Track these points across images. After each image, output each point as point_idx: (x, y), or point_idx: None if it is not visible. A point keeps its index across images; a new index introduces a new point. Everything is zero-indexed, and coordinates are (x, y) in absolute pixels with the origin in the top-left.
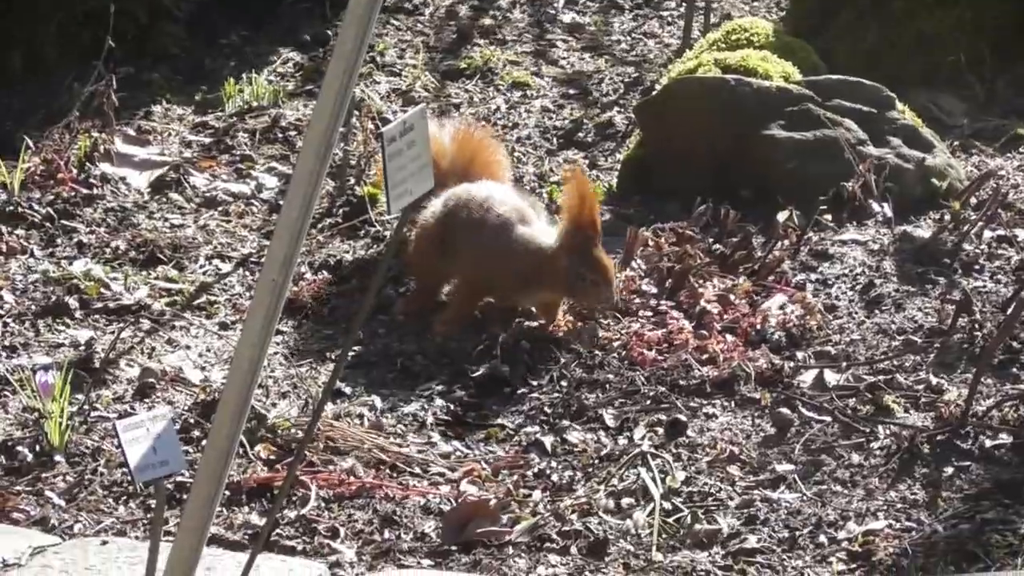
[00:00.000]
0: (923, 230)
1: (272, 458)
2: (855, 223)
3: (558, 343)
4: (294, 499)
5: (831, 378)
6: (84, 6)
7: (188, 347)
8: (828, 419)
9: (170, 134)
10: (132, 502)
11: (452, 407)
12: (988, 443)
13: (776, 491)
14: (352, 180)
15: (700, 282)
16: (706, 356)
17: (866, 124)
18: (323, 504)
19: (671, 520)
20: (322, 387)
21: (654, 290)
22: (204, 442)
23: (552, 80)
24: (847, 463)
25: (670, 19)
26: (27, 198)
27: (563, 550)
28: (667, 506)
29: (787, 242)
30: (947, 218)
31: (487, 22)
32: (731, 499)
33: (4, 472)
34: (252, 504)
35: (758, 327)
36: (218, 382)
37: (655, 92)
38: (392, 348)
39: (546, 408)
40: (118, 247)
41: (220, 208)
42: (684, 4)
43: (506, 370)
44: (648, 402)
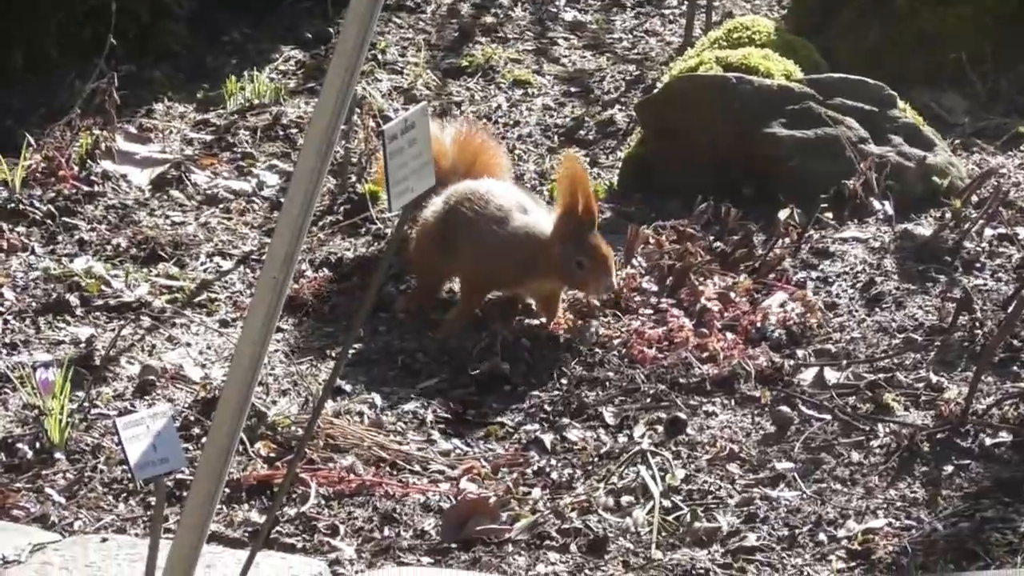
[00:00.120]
0: (924, 228)
1: (272, 456)
2: (856, 221)
3: (558, 341)
4: (294, 497)
5: (831, 376)
6: (85, 5)
7: (189, 345)
8: (828, 417)
9: (171, 132)
10: (132, 499)
11: (452, 405)
12: (988, 441)
13: (776, 489)
14: (353, 178)
15: (701, 280)
16: (706, 354)
17: (867, 122)
18: (323, 502)
19: (671, 518)
20: (322, 385)
21: (655, 288)
22: (204, 439)
23: (553, 78)
24: (847, 461)
25: (672, 17)
26: (28, 195)
27: (563, 548)
28: (667, 504)
29: (788, 240)
30: (948, 216)
31: (489, 20)
32: (731, 497)
33: (4, 469)
34: (252, 501)
35: (758, 325)
36: (218, 379)
37: (656, 90)
38: (393, 346)
39: (546, 406)
40: (119, 244)
41: (221, 206)
42: (686, 2)
43: (506, 368)
44: (648, 400)
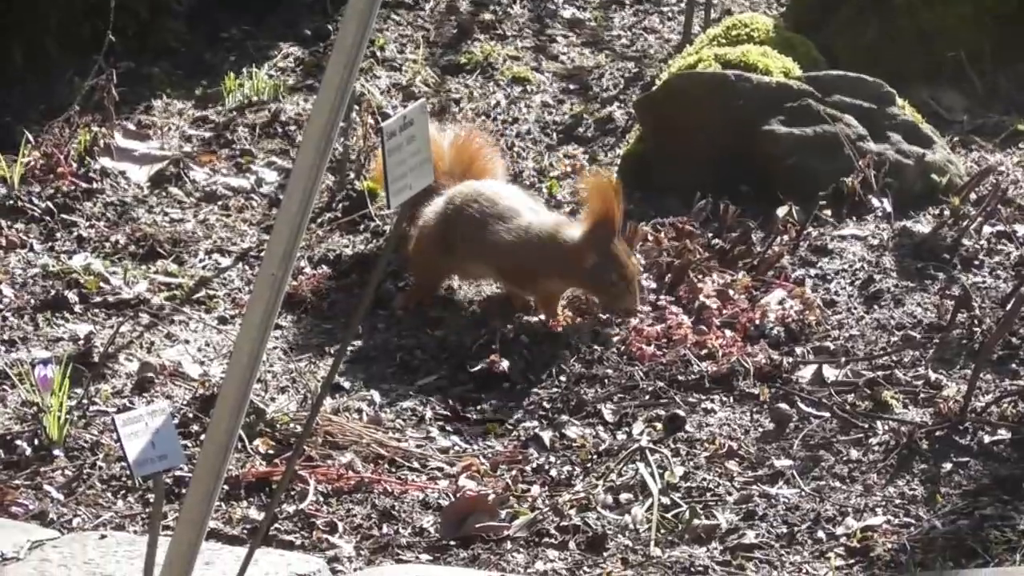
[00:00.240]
0: (923, 226)
1: (271, 452)
2: (855, 219)
3: (557, 338)
4: (293, 493)
5: (830, 373)
6: (84, 2)
7: (187, 341)
8: (827, 415)
9: (170, 128)
10: (131, 496)
11: (451, 402)
12: (987, 439)
13: (774, 487)
14: (352, 175)
15: (699, 277)
16: (705, 351)
17: (866, 120)
18: (322, 499)
19: (669, 515)
20: (321, 382)
21: (653, 285)
22: (203, 436)
23: (552, 75)
24: (846, 459)
25: (670, 14)
26: (27, 192)
27: (561, 545)
28: (665, 501)
29: (787, 237)
30: (947, 214)
31: (487, 17)
32: (729, 494)
33: (3, 466)
34: (251, 498)
35: (757, 322)
36: (217, 376)
37: (655, 87)
38: (391, 343)
39: (545, 403)
40: (118, 241)
41: (220, 202)
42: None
43: (505, 365)
44: (647, 397)
